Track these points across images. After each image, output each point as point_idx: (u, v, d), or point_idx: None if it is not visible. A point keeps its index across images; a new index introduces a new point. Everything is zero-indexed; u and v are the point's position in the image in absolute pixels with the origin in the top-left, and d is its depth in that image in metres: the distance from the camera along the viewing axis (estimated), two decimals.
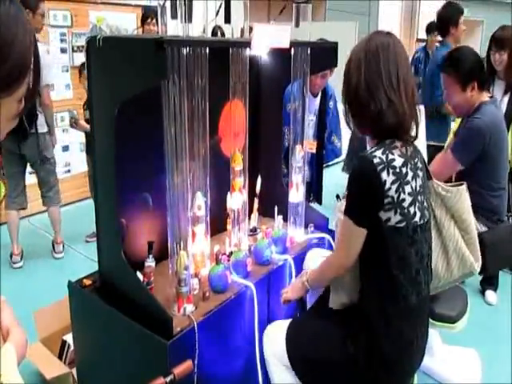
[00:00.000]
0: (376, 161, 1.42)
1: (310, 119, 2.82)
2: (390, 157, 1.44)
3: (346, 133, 3.53)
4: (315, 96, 2.98)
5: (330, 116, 3.13)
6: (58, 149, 4.55)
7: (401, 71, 1.48)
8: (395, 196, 1.43)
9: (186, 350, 1.55)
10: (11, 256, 3.59)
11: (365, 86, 1.47)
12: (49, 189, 3.68)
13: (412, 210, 1.47)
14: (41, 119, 3.44)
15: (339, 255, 1.61)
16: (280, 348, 1.71)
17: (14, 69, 0.59)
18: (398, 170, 1.44)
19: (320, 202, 3.04)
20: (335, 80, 2.72)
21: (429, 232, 1.60)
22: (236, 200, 2.02)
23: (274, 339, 1.76)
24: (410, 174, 1.47)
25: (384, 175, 1.42)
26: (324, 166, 3.33)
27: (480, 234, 1.93)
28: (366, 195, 1.47)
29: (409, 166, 1.48)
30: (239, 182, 2.01)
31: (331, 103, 3.13)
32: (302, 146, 2.22)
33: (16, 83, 0.60)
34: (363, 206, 1.48)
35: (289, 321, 1.79)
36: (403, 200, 1.45)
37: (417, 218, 1.49)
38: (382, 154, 1.44)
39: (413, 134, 1.55)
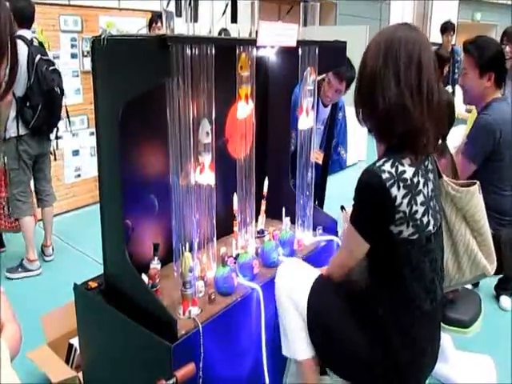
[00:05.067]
0: (385, 176, 1.32)
1: (318, 128, 2.80)
2: (400, 169, 1.34)
3: (352, 145, 3.55)
4: (325, 106, 2.97)
5: (338, 127, 3.13)
6: (68, 153, 4.61)
7: (424, 74, 1.33)
8: (407, 210, 1.35)
9: (191, 353, 1.52)
10: (28, 260, 3.51)
11: (377, 80, 1.35)
12: (50, 187, 3.71)
13: (425, 219, 1.40)
14: None
15: (343, 258, 1.60)
16: (295, 291, 1.66)
17: None
18: (408, 182, 1.35)
19: None
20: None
21: (441, 236, 1.55)
22: (243, 110, 1.91)
23: (291, 279, 1.70)
24: (422, 181, 1.39)
25: (394, 190, 1.33)
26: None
27: (498, 232, 1.86)
28: (375, 212, 1.39)
29: (420, 173, 1.39)
30: (245, 88, 1.88)
31: (340, 114, 3.13)
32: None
33: None
34: (372, 221, 1.41)
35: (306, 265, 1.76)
36: (416, 212, 1.37)
37: (430, 227, 1.42)
38: (391, 166, 1.34)
39: (431, 149, 1.42)
